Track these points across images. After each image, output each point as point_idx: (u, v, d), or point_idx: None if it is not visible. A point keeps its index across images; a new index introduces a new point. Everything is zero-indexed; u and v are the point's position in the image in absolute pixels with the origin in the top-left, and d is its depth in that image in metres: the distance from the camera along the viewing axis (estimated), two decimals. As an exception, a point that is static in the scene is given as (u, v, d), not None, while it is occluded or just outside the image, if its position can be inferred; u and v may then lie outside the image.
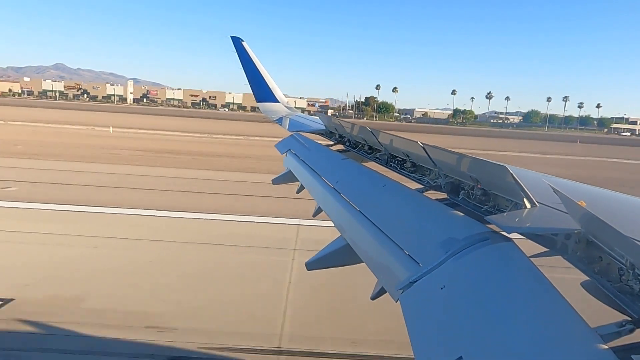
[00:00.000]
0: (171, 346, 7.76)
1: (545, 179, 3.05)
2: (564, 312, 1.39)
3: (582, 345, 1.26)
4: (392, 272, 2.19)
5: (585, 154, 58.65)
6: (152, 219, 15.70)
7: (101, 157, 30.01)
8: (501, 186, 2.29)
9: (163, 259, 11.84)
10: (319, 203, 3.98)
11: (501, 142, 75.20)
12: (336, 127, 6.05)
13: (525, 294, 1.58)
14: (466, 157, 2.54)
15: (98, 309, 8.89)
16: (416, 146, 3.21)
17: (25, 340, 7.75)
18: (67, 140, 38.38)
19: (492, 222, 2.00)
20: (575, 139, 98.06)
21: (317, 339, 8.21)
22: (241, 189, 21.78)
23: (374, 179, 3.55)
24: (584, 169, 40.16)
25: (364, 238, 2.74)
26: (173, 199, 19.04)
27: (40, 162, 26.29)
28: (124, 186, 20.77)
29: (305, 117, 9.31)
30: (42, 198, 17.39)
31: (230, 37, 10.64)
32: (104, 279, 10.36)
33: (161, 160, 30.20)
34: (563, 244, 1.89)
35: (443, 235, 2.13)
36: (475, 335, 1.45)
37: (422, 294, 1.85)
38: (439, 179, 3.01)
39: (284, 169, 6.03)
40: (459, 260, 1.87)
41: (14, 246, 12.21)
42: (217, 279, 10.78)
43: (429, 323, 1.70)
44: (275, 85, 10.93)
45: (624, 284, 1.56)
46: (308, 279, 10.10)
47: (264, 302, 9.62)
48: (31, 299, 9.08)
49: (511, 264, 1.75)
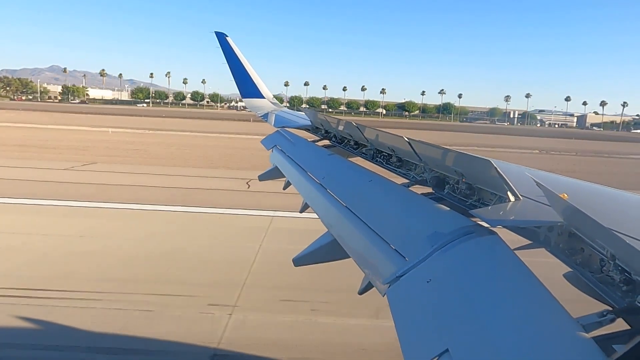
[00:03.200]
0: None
1: (529, 172, 3.09)
2: (547, 303, 1.42)
3: (564, 335, 1.28)
4: (378, 266, 2.20)
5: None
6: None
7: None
8: (485, 180, 2.31)
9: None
10: (306, 199, 3.97)
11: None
12: (322, 123, 6.04)
13: (509, 285, 1.61)
14: (451, 152, 2.56)
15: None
16: (402, 141, 3.22)
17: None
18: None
19: (476, 216, 2.02)
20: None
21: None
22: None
23: (360, 174, 3.55)
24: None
25: (350, 233, 2.74)
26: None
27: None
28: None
29: (291, 113, 9.27)
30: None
31: (215, 33, 10.53)
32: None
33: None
34: (546, 237, 1.92)
35: (429, 230, 2.15)
36: (461, 328, 1.47)
37: (409, 288, 1.86)
38: (424, 173, 3.03)
39: (270, 164, 6.01)
40: (445, 254, 1.88)
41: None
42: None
43: (415, 316, 1.72)
44: (260, 81, 10.86)
45: (605, 274, 1.60)
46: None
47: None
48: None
49: (495, 256, 1.78)
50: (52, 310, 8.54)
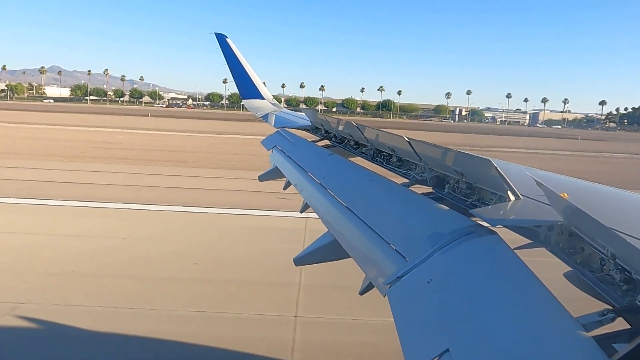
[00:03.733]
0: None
1: (529, 172, 3.09)
2: (548, 302, 1.42)
3: (565, 334, 1.28)
4: (379, 267, 2.20)
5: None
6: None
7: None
8: (486, 180, 2.31)
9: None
10: (306, 199, 3.97)
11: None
12: (322, 123, 6.03)
13: (509, 285, 1.61)
14: (451, 151, 2.56)
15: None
16: (402, 141, 3.22)
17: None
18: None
19: (477, 216, 2.02)
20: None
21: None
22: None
23: (360, 174, 3.55)
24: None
25: (351, 233, 2.74)
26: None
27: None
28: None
29: (290, 113, 9.26)
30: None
31: (215, 34, 10.53)
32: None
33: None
34: (546, 236, 1.92)
35: (429, 229, 2.15)
36: (461, 328, 1.47)
37: (409, 288, 1.86)
38: (424, 173, 3.02)
39: (270, 165, 6.01)
40: (445, 254, 1.88)
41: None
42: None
43: (416, 317, 1.72)
44: (260, 81, 10.86)
45: (605, 273, 1.59)
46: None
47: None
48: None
49: (496, 256, 1.78)
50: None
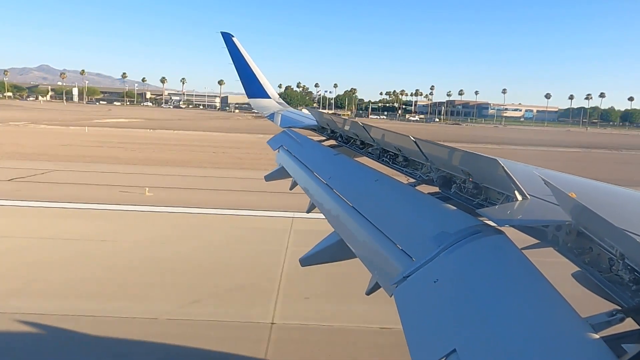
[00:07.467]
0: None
1: (537, 171, 3.07)
2: (556, 303, 1.41)
3: (573, 335, 1.28)
4: (385, 266, 2.20)
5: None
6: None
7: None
8: (493, 179, 2.30)
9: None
10: (312, 199, 3.97)
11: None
12: (328, 123, 6.03)
13: (517, 285, 1.60)
14: (458, 151, 2.55)
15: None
16: (408, 141, 3.21)
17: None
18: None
19: (484, 215, 2.01)
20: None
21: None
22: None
23: (366, 174, 3.55)
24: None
25: (357, 233, 2.74)
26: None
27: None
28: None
29: (296, 113, 9.27)
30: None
31: (221, 33, 10.55)
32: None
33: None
34: (554, 236, 1.90)
35: (436, 229, 2.14)
36: (469, 328, 1.46)
37: (416, 288, 1.86)
38: (431, 173, 3.02)
39: (276, 165, 6.02)
40: (452, 254, 1.88)
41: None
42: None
43: (422, 317, 1.71)
44: (266, 80, 10.86)
45: (614, 274, 1.58)
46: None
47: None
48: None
49: (503, 256, 1.77)
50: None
